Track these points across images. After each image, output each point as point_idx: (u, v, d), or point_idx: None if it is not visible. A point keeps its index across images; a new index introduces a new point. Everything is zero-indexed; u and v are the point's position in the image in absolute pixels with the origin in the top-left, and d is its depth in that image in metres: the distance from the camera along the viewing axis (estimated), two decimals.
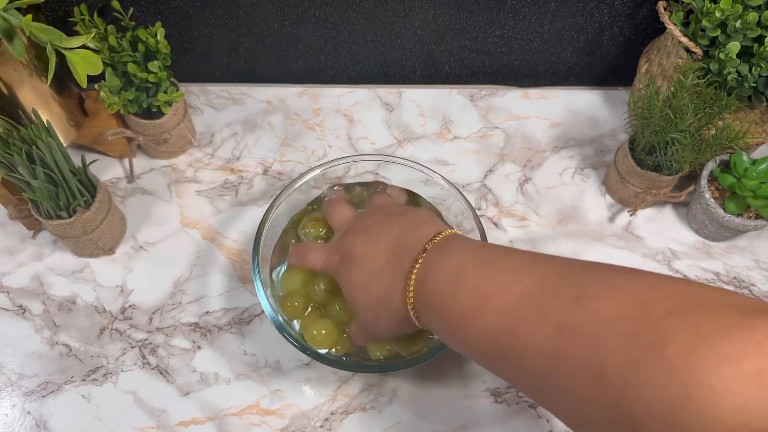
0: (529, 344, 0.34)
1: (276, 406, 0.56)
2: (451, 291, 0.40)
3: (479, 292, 0.38)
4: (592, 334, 0.31)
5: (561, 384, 0.32)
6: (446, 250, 0.43)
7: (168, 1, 0.66)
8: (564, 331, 0.33)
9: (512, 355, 0.35)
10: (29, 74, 0.56)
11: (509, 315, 0.36)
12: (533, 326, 0.34)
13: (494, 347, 0.37)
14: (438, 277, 0.41)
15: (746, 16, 0.54)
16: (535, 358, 0.34)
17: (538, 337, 0.34)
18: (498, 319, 0.36)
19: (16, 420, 0.54)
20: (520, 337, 0.35)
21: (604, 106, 0.74)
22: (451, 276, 0.40)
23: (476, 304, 0.38)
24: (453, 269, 0.41)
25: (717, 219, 0.61)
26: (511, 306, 0.36)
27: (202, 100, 0.73)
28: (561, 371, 0.32)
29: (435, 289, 0.41)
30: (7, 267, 0.62)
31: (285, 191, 0.57)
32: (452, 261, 0.41)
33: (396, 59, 0.74)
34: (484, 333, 0.37)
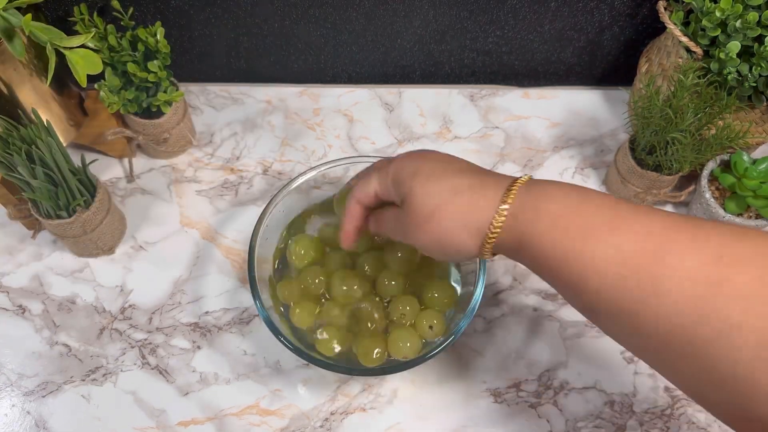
0: (678, 269, 0.31)
1: (276, 406, 0.55)
2: (577, 203, 0.35)
3: (615, 211, 0.34)
4: (763, 264, 0.29)
5: (716, 313, 0.29)
6: (550, 181, 0.39)
7: (168, 1, 0.66)
8: (727, 260, 0.30)
9: (649, 279, 0.31)
10: (29, 74, 0.56)
11: (654, 236, 0.32)
12: (686, 250, 0.31)
13: (624, 272, 0.32)
14: (558, 189, 0.37)
15: (746, 16, 0.54)
16: (685, 283, 0.30)
17: (692, 261, 0.30)
18: (638, 239, 0.32)
19: (16, 420, 0.54)
20: (666, 259, 0.31)
21: (604, 106, 0.74)
22: (576, 192, 0.36)
23: (612, 220, 0.34)
24: (574, 188, 0.37)
25: (717, 219, 0.61)
26: (657, 228, 0.32)
27: (201, 100, 0.73)
28: (719, 299, 0.29)
29: (554, 199, 0.36)
30: (7, 267, 0.62)
31: (280, 193, 0.56)
32: (569, 185, 0.37)
33: (396, 59, 0.74)
34: (618, 251, 0.33)
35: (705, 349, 0.30)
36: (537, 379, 0.57)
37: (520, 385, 0.57)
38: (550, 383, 0.57)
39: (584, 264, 0.34)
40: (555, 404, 0.56)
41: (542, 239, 0.36)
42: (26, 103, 0.57)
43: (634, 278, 0.32)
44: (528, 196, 0.37)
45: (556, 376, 0.57)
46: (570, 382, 0.57)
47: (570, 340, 0.59)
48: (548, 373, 0.57)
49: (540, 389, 0.56)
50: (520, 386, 0.57)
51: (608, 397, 0.56)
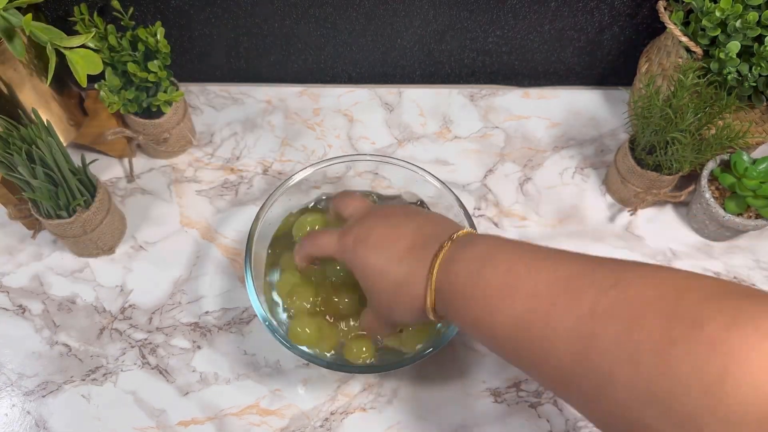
0: (559, 327, 0.33)
1: (276, 406, 0.55)
2: (479, 272, 0.39)
3: (510, 274, 0.37)
4: (628, 315, 0.31)
5: (591, 368, 0.32)
6: (474, 239, 0.42)
7: (168, 1, 0.66)
8: (598, 313, 0.32)
9: (539, 339, 0.35)
10: (29, 74, 0.56)
11: (540, 297, 0.35)
12: (565, 309, 0.34)
13: (521, 331, 0.36)
14: (466, 259, 0.40)
15: (746, 16, 0.54)
16: (565, 341, 0.33)
17: (570, 319, 0.33)
18: (528, 302, 0.36)
19: (16, 420, 0.54)
20: (550, 321, 0.34)
21: (604, 105, 0.74)
22: (480, 258, 0.40)
23: (506, 285, 0.37)
24: (483, 252, 0.40)
25: (717, 219, 0.61)
26: (543, 288, 0.35)
27: (201, 100, 0.73)
28: (592, 354, 0.32)
29: (462, 270, 0.40)
30: (7, 267, 0.62)
31: (277, 191, 0.56)
32: (482, 246, 0.40)
33: (396, 59, 0.74)
34: (512, 316, 0.36)
35: (592, 401, 0.33)
36: None
37: (520, 384, 0.57)
38: None
39: (492, 331, 0.38)
40: (555, 404, 0.56)
41: (459, 312, 0.40)
42: (26, 103, 0.57)
43: (527, 339, 0.35)
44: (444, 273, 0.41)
45: None
46: None
47: None
48: None
49: (540, 389, 0.56)
50: (520, 386, 0.57)
51: None
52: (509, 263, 0.38)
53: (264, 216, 0.55)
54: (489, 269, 0.39)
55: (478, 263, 0.39)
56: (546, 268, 0.36)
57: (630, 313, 0.31)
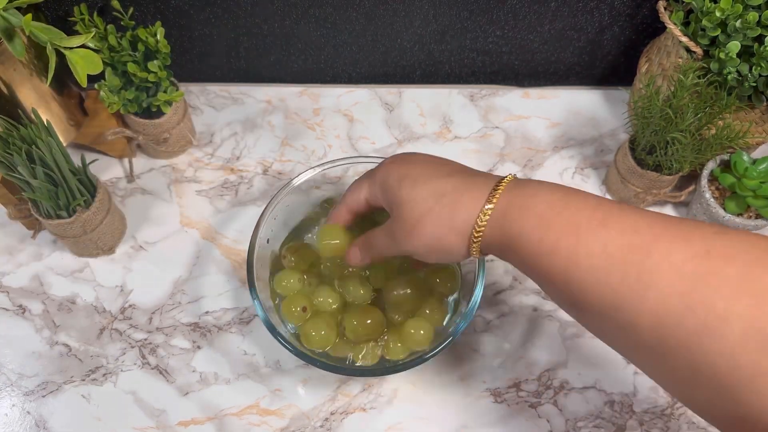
0: (664, 264, 0.31)
1: (276, 406, 0.55)
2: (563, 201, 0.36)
3: (601, 208, 0.35)
4: (748, 258, 0.30)
5: (703, 305, 0.30)
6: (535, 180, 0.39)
7: (168, 1, 0.66)
8: (713, 253, 0.30)
9: (635, 277, 0.31)
10: (29, 74, 0.56)
11: (641, 232, 0.32)
12: (672, 246, 0.31)
13: (611, 266, 0.32)
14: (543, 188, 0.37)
15: (746, 16, 0.54)
16: (671, 279, 0.31)
17: (679, 255, 0.31)
18: (625, 235, 0.33)
19: (16, 420, 0.54)
20: (653, 254, 0.31)
21: (604, 105, 0.74)
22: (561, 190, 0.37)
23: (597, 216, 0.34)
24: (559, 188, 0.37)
25: (717, 219, 0.61)
26: (643, 225, 0.33)
27: (201, 100, 0.73)
28: (705, 292, 0.30)
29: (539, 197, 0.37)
30: (7, 267, 0.62)
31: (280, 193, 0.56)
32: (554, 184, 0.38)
33: (396, 59, 0.74)
34: (604, 246, 0.33)
35: (691, 341, 0.30)
36: (537, 379, 0.57)
37: (520, 385, 0.57)
38: (550, 383, 0.57)
39: (570, 259, 0.34)
40: (555, 404, 0.56)
41: (528, 237, 0.36)
42: (26, 103, 0.57)
43: (619, 272, 0.32)
44: (513, 195, 0.38)
45: (556, 376, 0.57)
46: (570, 381, 0.57)
47: (570, 340, 0.59)
48: (548, 373, 0.57)
49: (540, 389, 0.56)
50: (520, 386, 0.57)
51: (608, 396, 0.56)
52: (597, 200, 0.36)
53: (267, 218, 0.55)
54: (574, 202, 0.36)
55: (560, 194, 0.36)
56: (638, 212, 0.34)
57: (750, 257, 0.30)
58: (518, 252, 0.37)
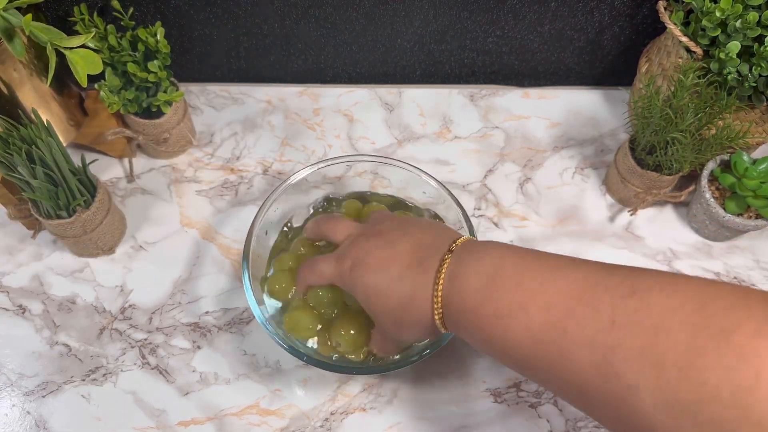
0: (577, 339, 0.33)
1: (276, 406, 0.55)
2: (488, 287, 0.38)
3: (521, 288, 0.37)
4: (650, 325, 0.31)
5: (614, 377, 0.31)
6: (476, 251, 0.41)
7: (168, 1, 0.66)
8: (619, 324, 0.32)
9: (557, 352, 0.34)
10: (29, 74, 0.56)
11: (555, 309, 0.35)
12: (583, 320, 0.33)
13: (536, 345, 0.35)
14: (472, 274, 0.39)
15: (746, 16, 0.54)
16: (584, 353, 0.33)
17: (589, 330, 0.33)
18: (542, 315, 0.35)
19: (16, 420, 0.54)
20: (568, 332, 0.34)
21: (604, 105, 0.74)
22: (487, 272, 0.39)
23: (518, 300, 0.36)
24: (489, 266, 0.39)
25: (717, 219, 0.61)
26: (558, 300, 0.35)
27: (201, 100, 0.73)
28: (614, 364, 0.31)
29: (469, 287, 0.39)
30: (7, 267, 0.62)
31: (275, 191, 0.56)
32: (487, 259, 0.40)
33: (396, 59, 0.74)
34: (527, 330, 0.36)
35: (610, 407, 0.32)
36: None
37: (520, 385, 0.57)
38: None
39: (506, 346, 0.37)
40: (555, 404, 0.56)
41: (469, 328, 0.40)
42: (26, 103, 0.57)
43: (545, 353, 0.35)
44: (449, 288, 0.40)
45: None
46: None
47: None
48: None
49: (540, 389, 0.56)
50: (520, 386, 0.57)
51: None
52: (518, 276, 0.37)
53: (263, 217, 0.55)
54: (497, 285, 0.38)
55: (485, 278, 0.39)
56: (557, 278, 0.36)
57: (652, 323, 0.31)
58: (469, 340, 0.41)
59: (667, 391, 0.29)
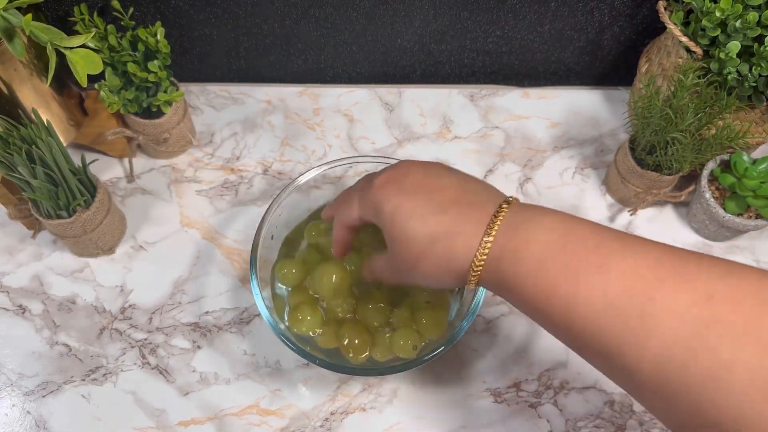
0: (666, 308, 0.30)
1: (276, 406, 0.55)
2: (561, 243, 0.34)
3: (601, 249, 0.33)
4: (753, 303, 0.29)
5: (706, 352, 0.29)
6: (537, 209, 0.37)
7: (168, 1, 0.66)
8: (717, 298, 0.30)
9: (637, 320, 0.31)
10: (29, 74, 0.56)
11: (642, 275, 0.32)
12: (675, 291, 0.31)
13: (613, 311, 0.32)
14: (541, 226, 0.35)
15: (746, 16, 0.54)
16: (674, 324, 0.30)
17: (681, 301, 0.30)
18: (625, 280, 0.32)
19: (16, 420, 0.54)
20: (656, 300, 0.31)
21: (604, 105, 0.74)
22: (559, 229, 0.35)
23: (598, 259, 0.33)
24: (557, 223, 0.35)
25: (717, 219, 0.61)
26: (645, 266, 0.32)
27: (202, 100, 0.73)
28: (709, 338, 0.29)
29: (536, 239, 0.35)
30: (7, 267, 0.62)
31: (283, 192, 0.56)
32: (553, 217, 0.36)
33: (396, 59, 0.74)
34: (604, 293, 0.32)
35: (694, 388, 0.30)
36: (537, 379, 0.57)
37: (520, 385, 0.57)
38: (550, 383, 0.57)
39: (569, 305, 0.33)
40: (555, 404, 0.56)
41: (524, 281, 0.35)
42: (26, 103, 0.57)
43: (621, 318, 0.32)
44: (508, 236, 0.36)
45: (556, 376, 0.57)
46: (570, 381, 0.57)
47: None
48: (548, 373, 0.57)
49: (540, 389, 0.56)
50: (520, 386, 0.57)
51: (608, 396, 0.56)
52: (597, 238, 0.34)
53: (269, 218, 0.55)
54: (573, 243, 0.34)
55: (557, 234, 0.35)
56: (642, 249, 0.33)
57: (755, 302, 0.29)
58: (515, 295, 0.37)
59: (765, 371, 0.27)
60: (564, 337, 0.36)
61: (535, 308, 0.36)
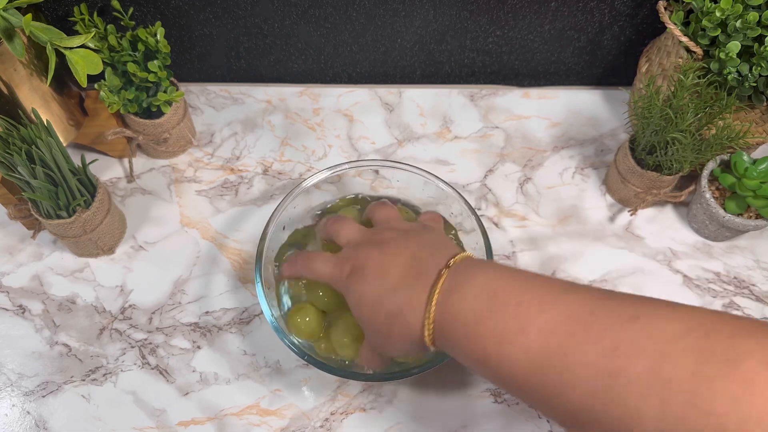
0: (579, 363, 0.32)
1: (276, 406, 0.55)
2: (486, 307, 0.37)
3: (520, 309, 0.36)
4: (655, 351, 0.30)
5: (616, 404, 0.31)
6: (474, 268, 0.40)
7: (168, 1, 0.66)
8: (622, 349, 0.31)
9: (556, 376, 0.33)
10: (29, 74, 0.56)
11: (557, 332, 0.34)
12: (585, 343, 0.33)
13: (534, 368, 0.34)
14: (469, 292, 0.39)
15: (746, 16, 0.54)
16: (586, 377, 0.32)
17: (591, 354, 0.32)
18: (542, 337, 0.34)
19: (16, 420, 0.54)
20: (569, 356, 0.33)
21: (604, 105, 0.74)
22: (485, 291, 0.38)
23: (517, 321, 0.36)
24: (487, 285, 0.38)
25: (717, 219, 0.61)
26: (559, 322, 0.34)
27: (202, 100, 0.73)
28: (616, 390, 0.31)
29: (465, 305, 0.38)
30: (7, 267, 0.62)
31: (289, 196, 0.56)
32: (485, 277, 0.39)
33: (396, 59, 0.74)
34: (525, 352, 0.35)
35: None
36: None
37: None
38: None
39: (499, 365, 0.36)
40: None
41: (460, 344, 0.39)
42: (26, 103, 0.57)
43: (543, 373, 0.34)
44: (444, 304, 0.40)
45: None
46: None
47: None
48: None
49: None
50: None
51: None
52: (518, 297, 0.37)
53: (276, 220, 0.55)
54: (496, 305, 0.37)
55: (483, 297, 0.38)
56: (558, 302, 0.35)
57: (657, 348, 0.30)
58: (456, 355, 0.40)
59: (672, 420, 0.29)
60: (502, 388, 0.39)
61: (473, 367, 0.39)
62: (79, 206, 0.56)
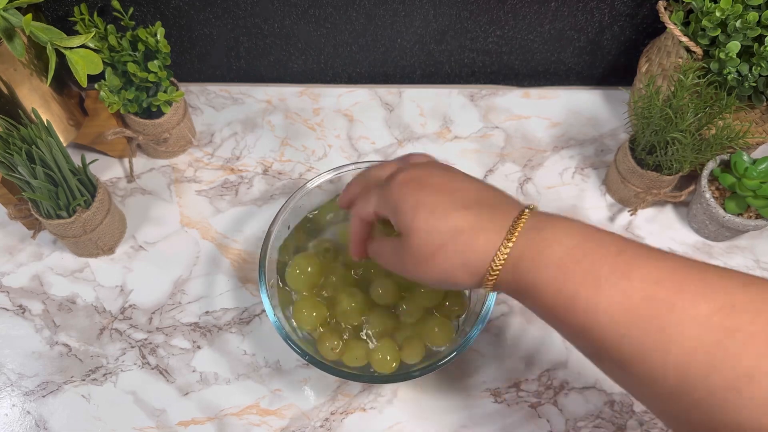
0: (689, 316, 0.30)
1: (276, 406, 0.55)
2: (582, 248, 0.34)
3: (623, 256, 0.33)
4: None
5: (728, 361, 0.29)
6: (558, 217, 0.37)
7: (168, 1, 0.66)
8: (740, 308, 0.30)
9: (657, 330, 0.31)
10: (29, 74, 0.56)
11: (664, 283, 0.31)
12: (697, 299, 0.30)
13: (633, 318, 0.31)
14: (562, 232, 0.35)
15: (746, 16, 0.54)
16: (696, 332, 0.30)
17: (703, 309, 0.30)
18: (647, 286, 0.32)
19: (16, 420, 0.54)
20: (676, 309, 0.30)
21: (604, 105, 0.74)
22: (581, 234, 0.35)
23: (619, 266, 0.33)
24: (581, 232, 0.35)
25: (717, 219, 0.61)
26: (666, 276, 0.32)
27: (202, 100, 0.73)
28: (731, 347, 0.29)
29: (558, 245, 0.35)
30: (7, 267, 0.62)
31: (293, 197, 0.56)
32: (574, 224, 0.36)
33: (396, 59, 0.74)
34: (624, 299, 0.32)
35: (715, 397, 0.29)
36: (537, 379, 0.57)
37: (520, 385, 0.57)
38: (550, 383, 0.57)
39: (588, 312, 0.33)
40: (555, 404, 0.56)
41: (545, 287, 0.35)
42: (26, 103, 0.57)
43: (642, 326, 0.31)
44: (530, 239, 0.36)
45: (556, 376, 0.57)
46: (570, 381, 0.57)
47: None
48: (548, 373, 0.57)
49: (540, 389, 0.56)
50: (520, 386, 0.57)
51: (608, 396, 0.56)
52: (618, 245, 0.34)
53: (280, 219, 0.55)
54: (595, 247, 0.34)
55: (578, 239, 0.35)
56: (662, 258, 0.33)
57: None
58: (534, 300, 0.36)
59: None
60: (582, 344, 0.35)
61: (555, 314, 0.35)
62: (79, 206, 0.56)
